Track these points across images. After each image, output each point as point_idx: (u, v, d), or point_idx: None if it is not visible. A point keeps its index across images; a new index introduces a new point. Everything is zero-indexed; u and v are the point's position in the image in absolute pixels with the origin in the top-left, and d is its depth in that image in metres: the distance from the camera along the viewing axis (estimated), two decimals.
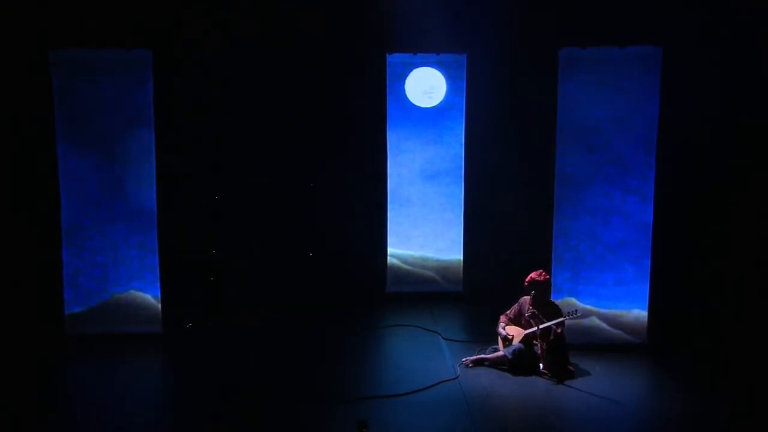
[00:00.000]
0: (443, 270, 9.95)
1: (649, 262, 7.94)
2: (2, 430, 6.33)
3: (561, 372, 7.24)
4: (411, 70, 9.69)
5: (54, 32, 8.57)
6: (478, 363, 7.53)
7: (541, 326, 7.29)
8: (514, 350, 7.38)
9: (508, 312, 7.69)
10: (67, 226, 8.23)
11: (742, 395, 6.93)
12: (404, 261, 9.96)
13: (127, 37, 8.53)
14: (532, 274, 7.47)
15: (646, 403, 6.96)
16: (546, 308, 7.42)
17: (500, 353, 7.49)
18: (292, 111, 9.84)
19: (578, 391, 6.98)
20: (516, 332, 7.52)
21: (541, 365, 7.29)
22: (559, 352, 7.32)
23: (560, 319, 7.29)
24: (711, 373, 7.46)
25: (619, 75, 7.81)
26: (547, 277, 7.50)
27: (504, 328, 7.61)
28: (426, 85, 9.72)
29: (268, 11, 9.47)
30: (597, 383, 7.14)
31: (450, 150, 9.79)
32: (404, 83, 9.70)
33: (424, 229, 9.92)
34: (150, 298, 8.33)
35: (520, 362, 7.35)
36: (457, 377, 7.26)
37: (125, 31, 8.71)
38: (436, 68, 9.68)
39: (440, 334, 8.50)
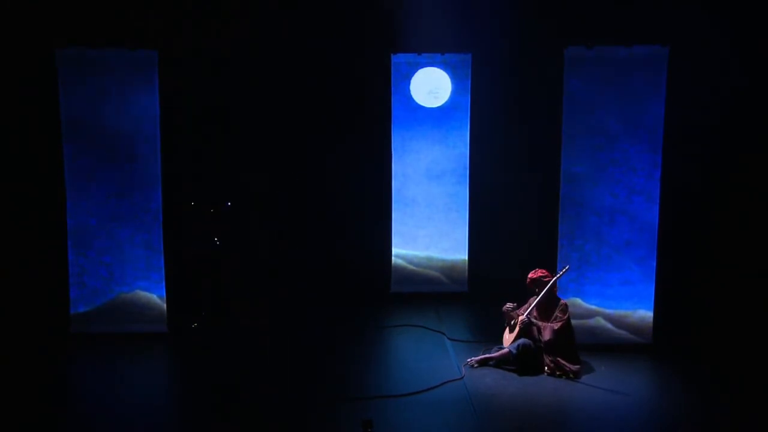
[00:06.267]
0: (448, 270, 9.94)
1: (655, 263, 7.92)
2: (8, 429, 6.34)
3: (563, 366, 7.26)
4: (416, 70, 9.67)
5: (60, 31, 8.59)
6: (483, 363, 7.52)
7: (535, 301, 7.38)
8: (519, 345, 7.37)
9: (518, 310, 7.68)
10: (72, 225, 8.24)
11: (748, 396, 6.90)
12: (409, 261, 9.95)
13: (133, 37, 8.55)
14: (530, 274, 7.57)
15: (652, 403, 6.93)
16: (547, 304, 7.47)
17: (505, 350, 7.47)
18: (297, 111, 9.85)
19: (583, 392, 6.97)
20: (518, 319, 7.50)
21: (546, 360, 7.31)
22: (562, 342, 7.33)
23: (553, 279, 7.37)
24: (716, 373, 7.43)
25: (625, 74, 7.79)
26: (535, 276, 7.48)
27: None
28: (431, 85, 9.70)
29: (273, 11, 9.47)
30: (602, 384, 7.12)
31: (455, 150, 9.78)
32: (409, 83, 9.69)
33: (429, 229, 9.90)
34: (155, 297, 8.34)
35: (526, 357, 7.34)
36: (462, 377, 7.25)
37: (131, 31, 8.73)
38: (441, 68, 9.66)
39: (445, 334, 8.50)
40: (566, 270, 7.55)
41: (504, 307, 7.66)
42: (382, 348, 8.39)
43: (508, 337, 7.64)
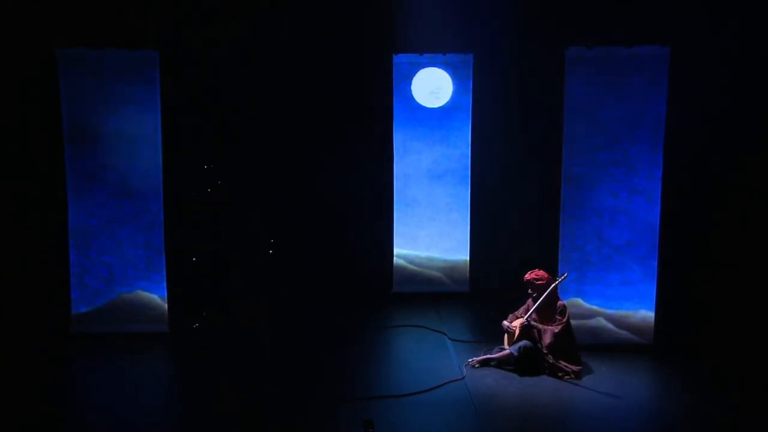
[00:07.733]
0: (450, 270, 9.94)
1: (656, 263, 7.92)
2: (9, 429, 6.34)
3: (564, 368, 7.25)
4: (417, 70, 9.66)
5: (60, 31, 8.58)
6: (485, 363, 7.52)
7: (534, 306, 7.39)
8: (521, 347, 7.38)
9: (516, 311, 7.69)
10: (73, 225, 8.24)
11: (748, 396, 6.90)
12: (410, 261, 9.95)
13: (133, 37, 8.55)
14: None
15: (653, 403, 6.94)
16: (547, 307, 7.46)
17: (506, 352, 7.47)
18: (298, 111, 9.84)
19: (584, 393, 6.97)
20: (518, 322, 7.50)
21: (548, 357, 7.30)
22: (563, 345, 7.32)
23: (552, 285, 7.36)
24: (717, 373, 7.43)
25: (626, 75, 7.78)
26: (530, 277, 7.48)
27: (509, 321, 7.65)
28: (432, 86, 9.70)
29: (273, 11, 9.47)
30: (603, 384, 7.12)
31: (456, 150, 9.77)
32: (410, 83, 9.69)
33: (431, 229, 9.90)
34: (156, 297, 8.34)
35: (527, 359, 7.34)
36: (463, 378, 7.25)
37: (131, 31, 8.72)
38: (442, 68, 9.65)
39: (446, 335, 8.49)
40: (565, 277, 7.54)
41: (505, 329, 7.66)
42: (382, 348, 8.39)
43: (509, 341, 7.63)
